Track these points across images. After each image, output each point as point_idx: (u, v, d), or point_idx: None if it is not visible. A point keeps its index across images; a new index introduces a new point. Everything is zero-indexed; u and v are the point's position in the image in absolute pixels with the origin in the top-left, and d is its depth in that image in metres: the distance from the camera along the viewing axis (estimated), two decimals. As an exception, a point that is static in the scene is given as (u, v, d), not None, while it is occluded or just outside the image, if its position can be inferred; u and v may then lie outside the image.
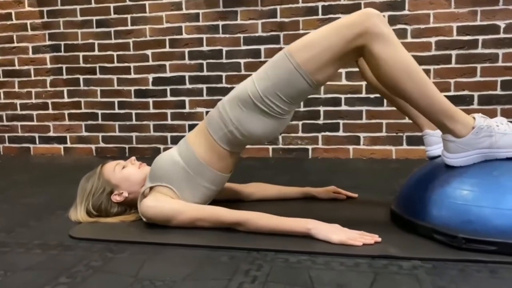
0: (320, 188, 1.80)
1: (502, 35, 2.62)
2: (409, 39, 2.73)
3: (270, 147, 2.99)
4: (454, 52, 2.69)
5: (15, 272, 1.18)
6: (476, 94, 2.69)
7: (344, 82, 2.84)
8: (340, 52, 1.28)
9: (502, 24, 2.61)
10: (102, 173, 1.59)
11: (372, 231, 1.32)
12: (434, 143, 1.54)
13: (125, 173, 1.58)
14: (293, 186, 1.87)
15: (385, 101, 2.79)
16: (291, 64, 1.30)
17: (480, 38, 2.65)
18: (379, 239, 1.27)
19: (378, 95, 2.82)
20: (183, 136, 3.14)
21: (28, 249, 1.34)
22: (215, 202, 1.61)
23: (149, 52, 3.09)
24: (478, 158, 1.29)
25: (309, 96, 2.87)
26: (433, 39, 2.70)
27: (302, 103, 2.90)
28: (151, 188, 1.52)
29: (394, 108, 2.80)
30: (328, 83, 2.83)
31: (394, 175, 2.34)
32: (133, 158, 1.64)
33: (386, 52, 1.24)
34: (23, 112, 3.34)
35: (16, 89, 3.33)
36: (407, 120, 2.77)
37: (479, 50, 2.66)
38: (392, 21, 2.73)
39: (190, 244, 1.32)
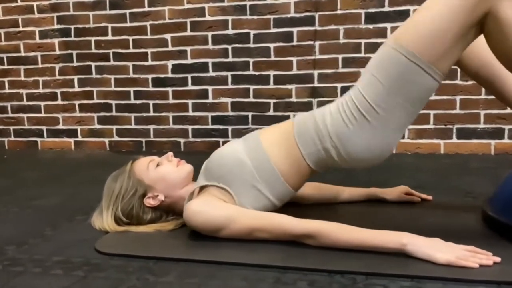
0: (388, 189, 1.52)
1: None
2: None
3: (303, 140, 2.70)
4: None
5: (32, 304, 0.90)
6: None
7: (387, 68, 2.55)
8: (464, 26, 1.01)
9: None
10: (133, 171, 1.32)
11: (476, 245, 1.04)
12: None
13: (161, 171, 1.30)
14: (347, 185, 1.59)
15: (433, 89, 2.50)
16: (403, 57, 1.04)
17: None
18: (498, 259, 0.99)
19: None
20: (205, 129, 2.94)
21: (46, 269, 1.07)
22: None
23: (168, 36, 2.80)
24: None
25: (346, 84, 2.59)
26: None
27: (338, 92, 2.61)
28: (203, 188, 1.24)
29: (442, 97, 2.57)
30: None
31: (453, 172, 2.06)
32: (170, 154, 1.36)
33: None
34: (30, 103, 3.06)
35: (22, 78, 3.04)
36: (457, 111, 2.50)
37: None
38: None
39: (252, 263, 1.04)
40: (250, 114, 2.76)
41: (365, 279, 0.96)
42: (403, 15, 2.46)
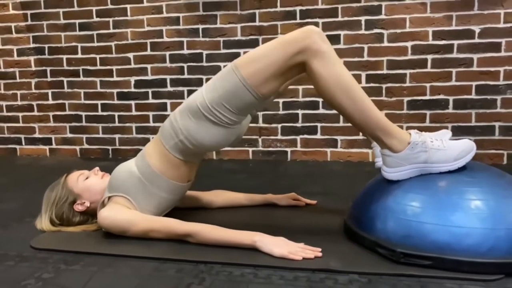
0: (280, 195, 1.84)
1: (477, 40, 2.63)
2: (386, 44, 2.74)
3: (250, 149, 3.03)
4: (429, 57, 2.71)
5: (-32, 284, 1.23)
6: (451, 98, 2.71)
7: (321, 85, 2.86)
8: (283, 67, 1.32)
9: (477, 29, 2.62)
10: (66, 182, 1.64)
11: (321, 242, 1.37)
12: (383, 155, 1.57)
13: (87, 183, 1.63)
14: (264, 190, 1.94)
15: (362, 104, 2.81)
16: (237, 78, 1.34)
17: (455, 42, 2.66)
18: (320, 254, 1.31)
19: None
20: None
21: (-14, 259, 1.40)
22: (176, 210, 1.67)
23: (130, 55, 3.12)
24: (414, 173, 1.34)
25: (288, 99, 2.91)
26: (409, 44, 2.72)
27: (281, 106, 2.93)
28: (109, 198, 1.56)
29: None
30: (306, 86, 2.86)
31: (365, 179, 2.36)
32: (96, 168, 1.68)
33: (324, 69, 1.28)
34: (9, 114, 3.39)
35: (2, 91, 3.37)
36: (383, 124, 2.80)
37: (454, 55, 2.67)
38: (368, 25, 2.75)
39: (140, 256, 1.37)
40: (204, 125, 3.07)
41: (220, 267, 1.28)
42: (335, 39, 2.77)
